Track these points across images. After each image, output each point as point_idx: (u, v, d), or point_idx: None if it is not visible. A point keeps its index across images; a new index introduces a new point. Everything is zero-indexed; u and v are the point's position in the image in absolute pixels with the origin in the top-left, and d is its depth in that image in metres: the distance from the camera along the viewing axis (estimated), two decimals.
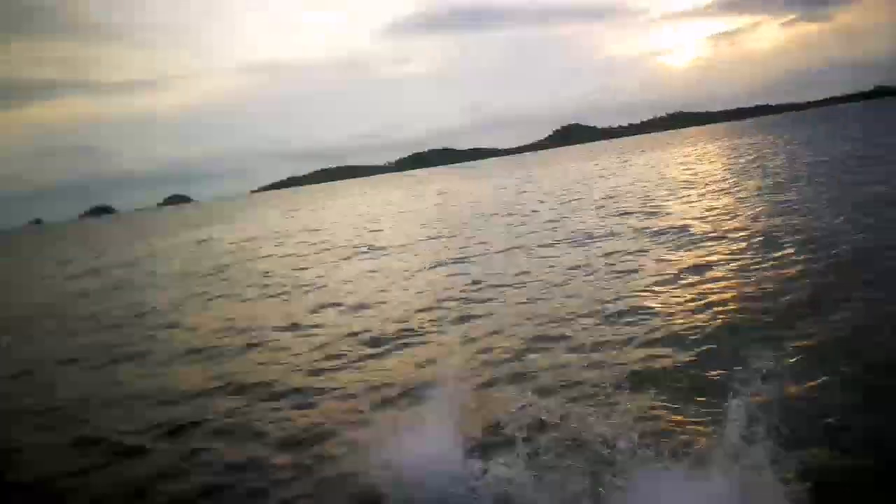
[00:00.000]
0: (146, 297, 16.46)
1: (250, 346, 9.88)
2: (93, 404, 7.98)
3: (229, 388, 7.81)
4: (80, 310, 16.13)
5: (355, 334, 9.55)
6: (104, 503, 5.38)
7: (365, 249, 20.18)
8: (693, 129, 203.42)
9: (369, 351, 8.61)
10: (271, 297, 14.18)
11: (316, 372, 8.03)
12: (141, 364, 9.78)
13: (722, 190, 22.26)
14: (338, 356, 8.57)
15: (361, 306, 11.69)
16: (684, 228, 14.79)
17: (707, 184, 25.32)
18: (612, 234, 15.72)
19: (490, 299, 10.75)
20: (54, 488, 5.71)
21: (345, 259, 19.00)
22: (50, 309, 16.92)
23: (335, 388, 7.27)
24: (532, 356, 7.38)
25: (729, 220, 15.26)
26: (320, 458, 5.46)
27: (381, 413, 6.10)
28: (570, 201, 26.92)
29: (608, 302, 9.28)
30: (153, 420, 7.00)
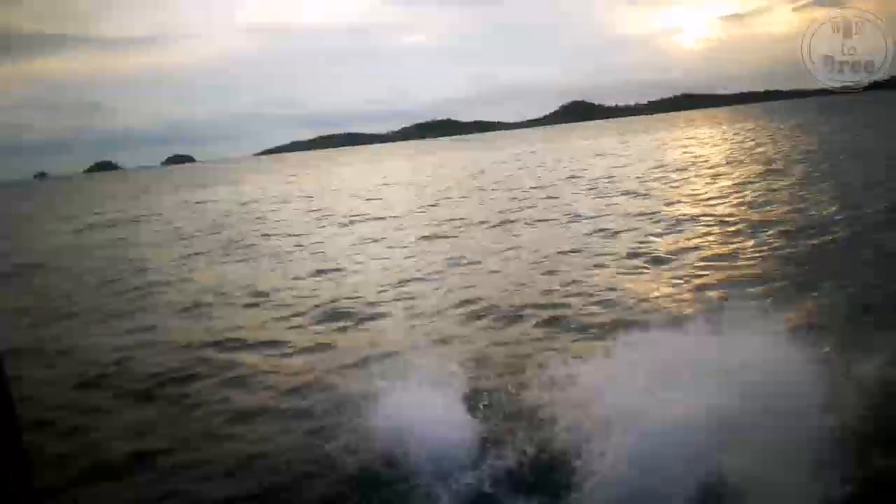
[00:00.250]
0: (144, 254, 17.10)
1: (243, 305, 10.51)
2: (93, 352, 8.57)
3: (224, 344, 8.40)
4: (78, 264, 16.70)
5: (325, 301, 10.16)
6: (107, 443, 5.89)
7: (346, 222, 20.67)
8: (700, 112, 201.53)
9: (336, 322, 9.12)
10: (248, 259, 14.86)
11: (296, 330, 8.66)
12: (132, 319, 10.36)
13: (718, 174, 22.67)
14: (303, 319, 9.22)
15: (336, 270, 12.50)
16: (673, 214, 15.30)
17: (703, 167, 25.70)
18: (598, 214, 16.23)
19: (468, 273, 11.33)
20: (63, 426, 6.28)
21: (342, 226, 19.62)
22: (51, 261, 17.48)
23: (313, 347, 7.88)
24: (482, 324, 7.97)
25: (715, 205, 15.74)
26: (311, 409, 5.96)
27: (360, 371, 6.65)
28: (565, 178, 27.37)
29: (581, 282, 9.82)
30: (150, 370, 7.58)
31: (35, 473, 1.72)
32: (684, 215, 14.74)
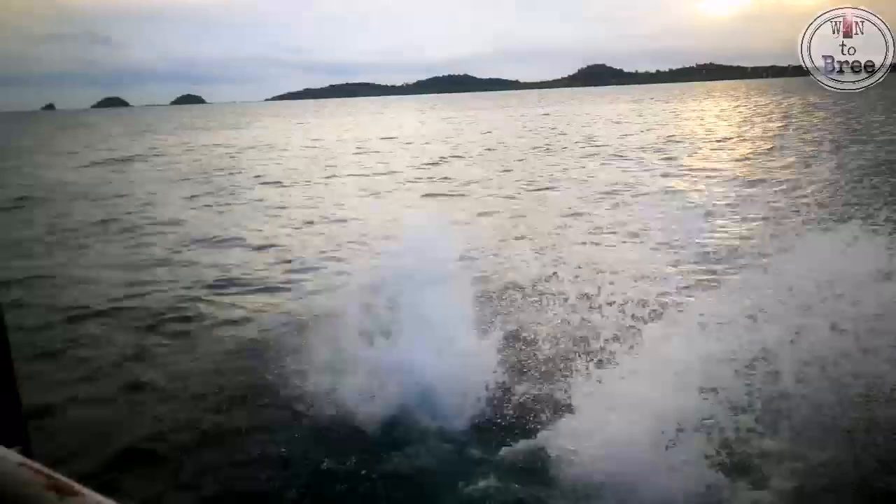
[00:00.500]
0: (136, 191, 17.30)
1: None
2: (92, 285, 8.70)
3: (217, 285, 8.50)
4: (77, 199, 16.79)
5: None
6: (104, 372, 6.04)
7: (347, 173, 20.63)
8: (723, 83, 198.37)
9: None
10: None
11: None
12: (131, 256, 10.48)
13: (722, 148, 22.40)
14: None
15: (310, 223, 12.63)
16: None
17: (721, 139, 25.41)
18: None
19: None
20: (61, 355, 6.44)
21: (329, 177, 19.61)
22: (53, 195, 17.56)
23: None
24: None
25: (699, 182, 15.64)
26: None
27: None
28: (566, 145, 27.13)
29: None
30: (149, 306, 7.78)
31: (24, 395, 1.78)
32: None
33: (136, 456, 4.50)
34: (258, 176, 20.29)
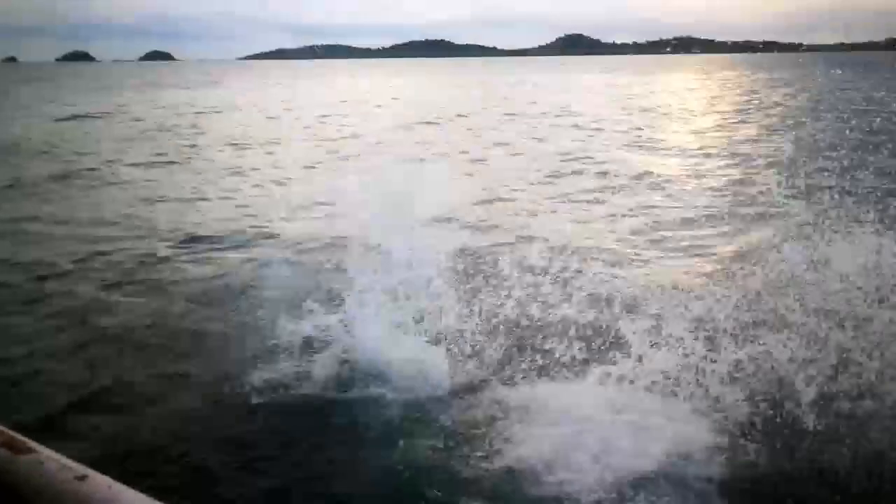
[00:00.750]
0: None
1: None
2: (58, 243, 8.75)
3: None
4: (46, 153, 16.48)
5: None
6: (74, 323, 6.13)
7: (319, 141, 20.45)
8: (699, 57, 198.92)
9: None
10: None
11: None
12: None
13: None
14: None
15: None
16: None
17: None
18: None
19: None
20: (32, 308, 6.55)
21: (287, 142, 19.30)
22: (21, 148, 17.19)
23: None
24: None
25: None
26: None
27: None
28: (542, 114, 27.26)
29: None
30: (116, 259, 7.89)
31: None
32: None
33: (93, 407, 4.58)
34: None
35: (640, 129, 21.03)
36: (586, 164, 14.25)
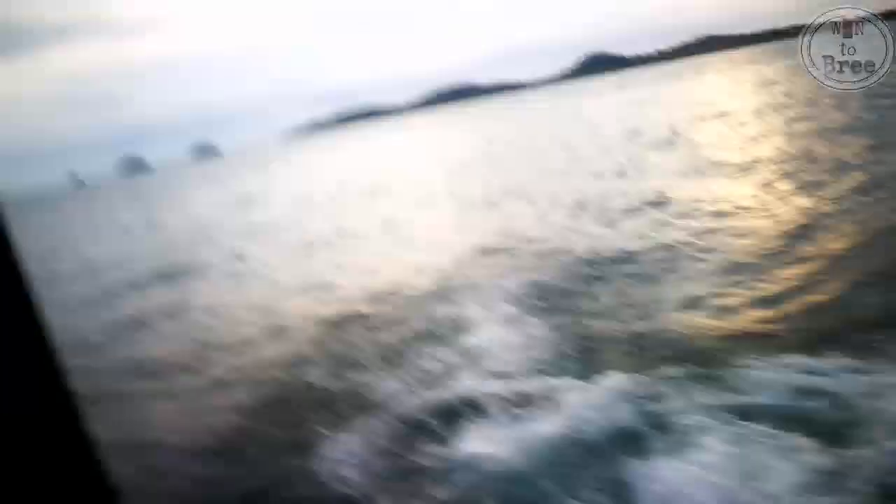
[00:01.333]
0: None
1: None
2: None
3: None
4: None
5: None
6: None
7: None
8: (722, 55, 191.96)
9: None
10: None
11: None
12: None
13: None
14: None
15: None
16: None
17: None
18: None
19: None
20: None
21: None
22: None
23: None
24: None
25: None
26: None
27: None
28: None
29: None
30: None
31: None
32: None
33: None
34: None
35: None
36: None
